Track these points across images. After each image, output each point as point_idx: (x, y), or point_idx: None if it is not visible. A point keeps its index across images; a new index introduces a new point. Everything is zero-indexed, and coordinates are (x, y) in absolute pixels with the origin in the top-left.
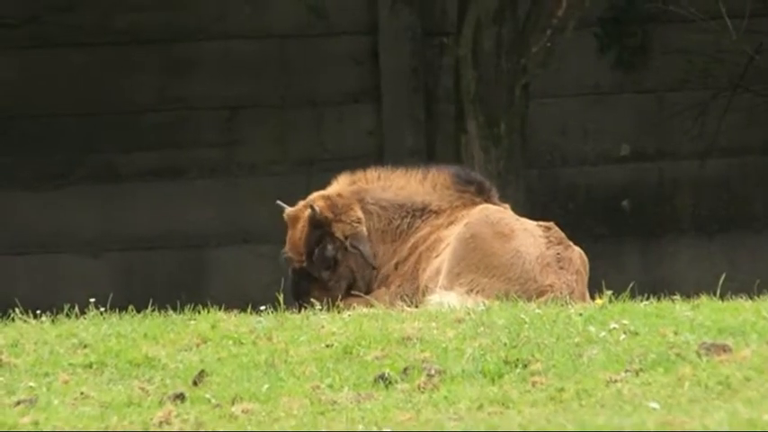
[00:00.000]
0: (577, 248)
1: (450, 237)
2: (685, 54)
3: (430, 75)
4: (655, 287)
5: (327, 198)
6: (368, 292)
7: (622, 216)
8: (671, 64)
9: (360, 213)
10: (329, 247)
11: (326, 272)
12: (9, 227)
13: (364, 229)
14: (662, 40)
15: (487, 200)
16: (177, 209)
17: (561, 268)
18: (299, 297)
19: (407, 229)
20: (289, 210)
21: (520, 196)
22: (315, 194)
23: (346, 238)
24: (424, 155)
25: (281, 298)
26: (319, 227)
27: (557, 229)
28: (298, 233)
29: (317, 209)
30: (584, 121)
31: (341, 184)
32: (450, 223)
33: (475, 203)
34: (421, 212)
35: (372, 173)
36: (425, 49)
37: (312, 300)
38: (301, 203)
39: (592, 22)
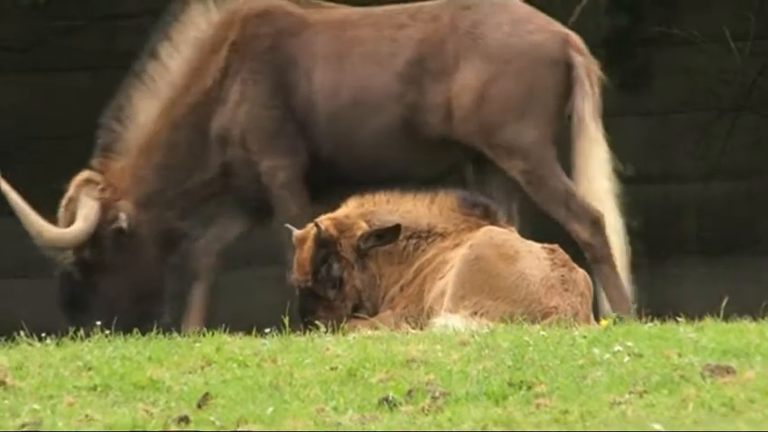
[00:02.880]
0: (582, 270)
1: (455, 259)
2: (689, 76)
3: None
4: (659, 309)
5: (334, 218)
6: (374, 314)
7: (628, 237)
8: (675, 86)
9: (364, 228)
10: (335, 266)
11: (332, 291)
12: (13, 249)
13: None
14: (666, 62)
15: (493, 222)
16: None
17: (566, 290)
18: (305, 316)
19: (413, 252)
20: (297, 232)
21: (524, 218)
22: (322, 216)
23: (355, 249)
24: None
25: (286, 321)
26: (325, 245)
27: (561, 251)
28: (305, 253)
29: (322, 227)
30: None
31: (349, 207)
32: (456, 245)
33: (480, 226)
34: (427, 235)
35: (381, 196)
36: None
37: (317, 320)
38: (309, 225)
39: (596, 44)
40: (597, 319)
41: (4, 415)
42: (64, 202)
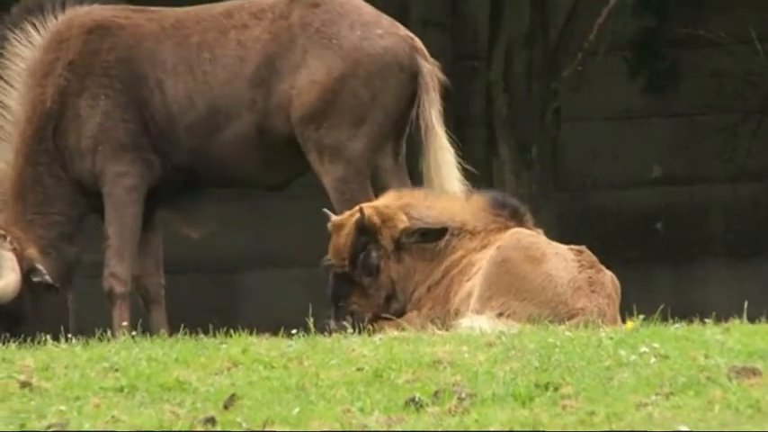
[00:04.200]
0: (609, 273)
1: (482, 260)
2: (715, 77)
3: (461, 99)
4: (685, 310)
5: (376, 207)
6: (404, 306)
7: (653, 239)
8: (701, 87)
9: (406, 222)
10: (374, 254)
11: (368, 278)
12: None
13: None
14: (692, 64)
15: (520, 224)
16: (208, 233)
17: (593, 292)
18: (338, 300)
19: (444, 248)
20: (334, 218)
21: (551, 220)
22: (363, 205)
23: (395, 240)
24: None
25: (310, 323)
26: (366, 233)
27: (589, 253)
28: (342, 239)
29: (365, 214)
30: (615, 145)
31: (388, 199)
32: (483, 247)
33: (508, 227)
34: (458, 232)
35: (419, 192)
36: (456, 73)
37: (349, 307)
38: (347, 213)
39: (622, 46)
40: (624, 320)
41: (31, 416)
42: None
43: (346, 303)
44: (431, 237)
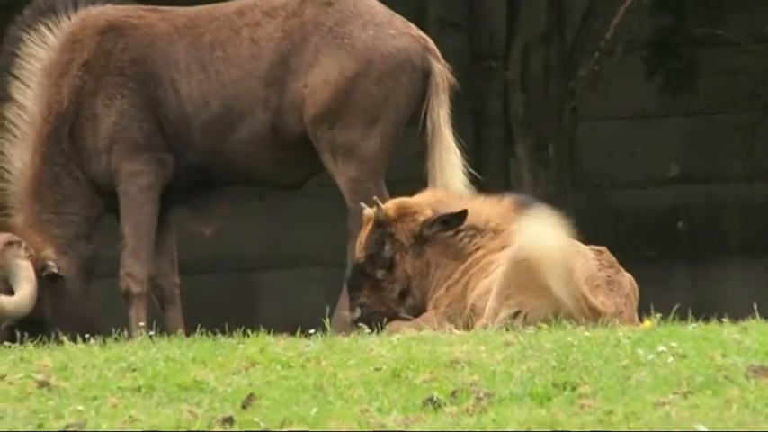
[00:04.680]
0: (628, 274)
1: (502, 259)
2: (733, 77)
3: (478, 99)
4: (703, 309)
5: (400, 202)
6: (422, 302)
7: (671, 238)
8: (718, 86)
9: (429, 215)
10: (387, 247)
11: (381, 271)
12: None
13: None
14: (709, 63)
15: None
16: (227, 232)
17: (611, 290)
18: (351, 291)
19: (468, 245)
20: (367, 210)
21: (568, 219)
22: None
23: (415, 234)
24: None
25: (327, 323)
26: (381, 225)
27: (608, 253)
28: (365, 231)
29: (381, 207)
30: (633, 144)
31: (422, 196)
32: (503, 247)
33: None
34: (483, 229)
35: (455, 193)
36: (473, 72)
37: (361, 299)
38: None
39: (639, 45)
40: (641, 319)
41: (48, 416)
42: None
43: (358, 296)
44: (452, 222)
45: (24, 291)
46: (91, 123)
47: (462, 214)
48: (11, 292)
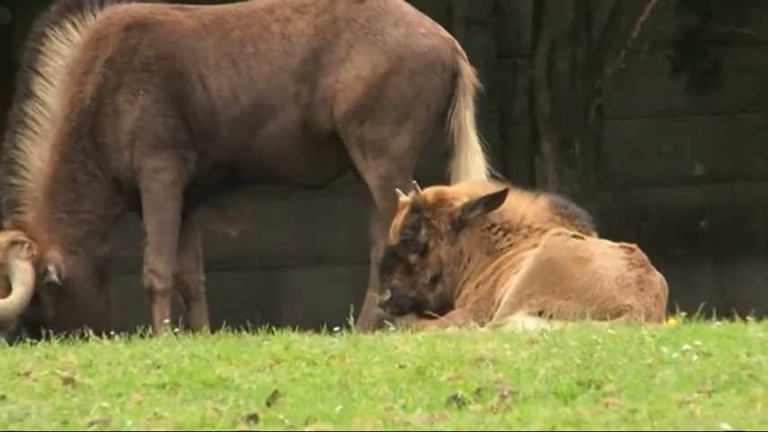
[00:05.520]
0: (659, 274)
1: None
2: (758, 75)
3: (504, 96)
4: (727, 308)
5: (438, 189)
6: (451, 291)
7: (696, 237)
8: (744, 85)
9: (466, 200)
10: (422, 231)
11: (414, 255)
12: None
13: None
14: (734, 62)
15: (580, 229)
16: (252, 230)
17: (641, 290)
18: (383, 274)
19: (502, 240)
20: (404, 197)
21: (594, 218)
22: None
23: (452, 220)
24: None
25: (351, 321)
26: (418, 210)
27: (639, 251)
28: (401, 216)
29: (419, 192)
30: (658, 143)
31: (461, 187)
32: (534, 245)
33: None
34: (518, 227)
35: (491, 186)
36: (500, 70)
37: (393, 282)
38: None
39: (665, 44)
40: (666, 318)
41: (73, 413)
42: None
43: (389, 278)
44: (494, 202)
45: (16, 294)
46: (112, 120)
47: (503, 194)
48: (11, 290)
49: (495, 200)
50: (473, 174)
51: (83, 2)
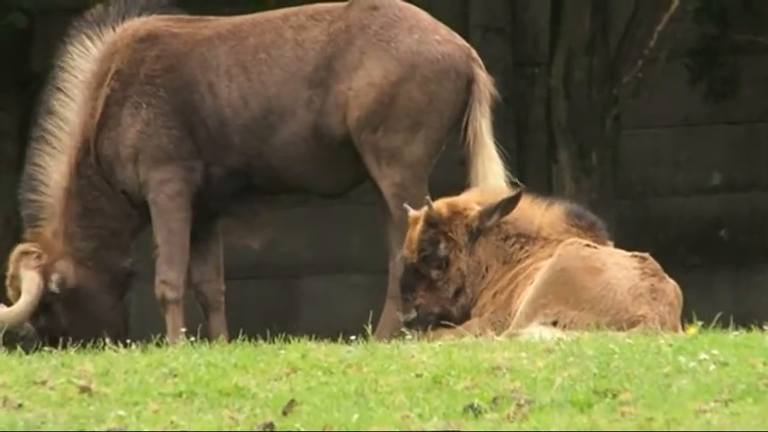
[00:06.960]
0: (672, 282)
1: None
2: None
3: (521, 105)
4: (744, 317)
5: (449, 201)
6: (472, 302)
7: (714, 246)
8: (761, 94)
9: (480, 208)
10: (442, 245)
11: (436, 271)
12: None
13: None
14: (752, 71)
15: (596, 239)
16: (270, 239)
17: (654, 299)
18: (405, 292)
19: (519, 251)
20: (412, 212)
21: (611, 227)
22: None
23: (469, 230)
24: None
25: (369, 329)
26: (434, 225)
27: (652, 260)
28: (415, 232)
29: (432, 206)
30: (676, 152)
31: (471, 195)
32: (550, 255)
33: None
34: (535, 237)
35: (499, 191)
36: (517, 79)
37: (416, 300)
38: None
39: (683, 53)
40: (683, 327)
41: (90, 421)
42: (7, 282)
43: (412, 297)
44: (510, 206)
45: (20, 301)
46: (114, 133)
47: (517, 196)
48: None
49: (511, 203)
50: (491, 181)
51: (104, 17)
